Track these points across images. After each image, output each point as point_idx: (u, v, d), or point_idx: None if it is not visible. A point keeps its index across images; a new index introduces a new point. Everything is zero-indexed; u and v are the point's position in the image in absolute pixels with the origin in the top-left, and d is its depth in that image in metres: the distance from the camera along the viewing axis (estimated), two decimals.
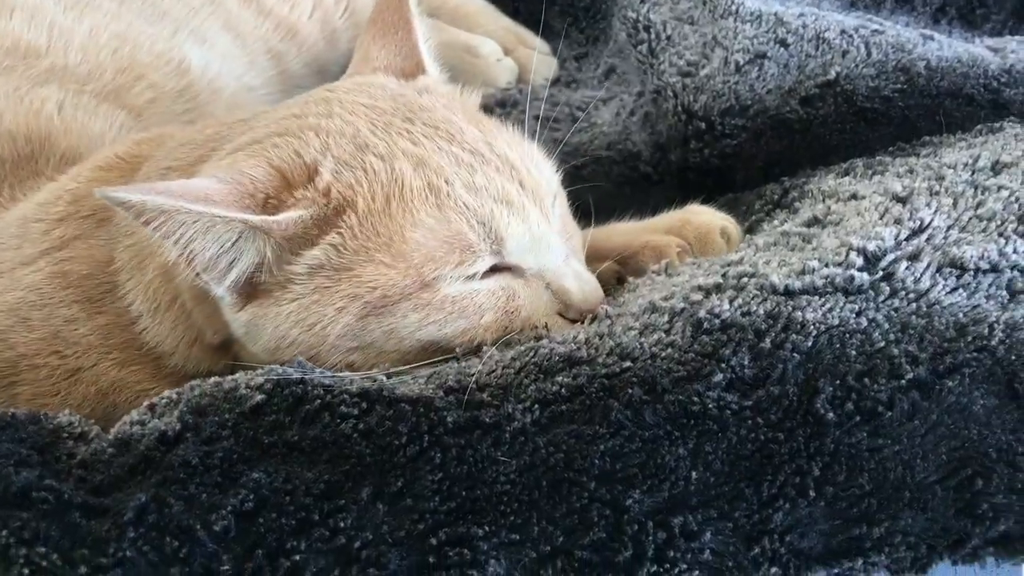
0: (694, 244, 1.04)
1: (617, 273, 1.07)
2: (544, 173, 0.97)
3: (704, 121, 1.37)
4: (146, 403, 0.89)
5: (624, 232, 1.07)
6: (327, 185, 0.87)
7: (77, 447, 0.86)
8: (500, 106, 1.57)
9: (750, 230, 1.06)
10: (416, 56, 1.03)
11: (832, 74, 1.34)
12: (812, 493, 0.73)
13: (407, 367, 0.89)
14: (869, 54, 1.35)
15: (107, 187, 0.83)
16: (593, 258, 1.05)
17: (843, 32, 1.38)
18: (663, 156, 1.43)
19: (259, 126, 0.94)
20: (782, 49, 1.38)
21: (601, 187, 1.47)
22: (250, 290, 0.89)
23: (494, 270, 0.91)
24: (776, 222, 1.03)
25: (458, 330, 0.89)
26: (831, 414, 0.75)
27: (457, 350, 0.89)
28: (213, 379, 0.88)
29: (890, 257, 0.85)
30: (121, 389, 0.96)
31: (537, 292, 0.93)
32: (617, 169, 1.47)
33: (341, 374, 0.87)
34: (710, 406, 0.76)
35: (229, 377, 0.87)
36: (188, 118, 1.34)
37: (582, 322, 0.93)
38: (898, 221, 0.90)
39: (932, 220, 0.89)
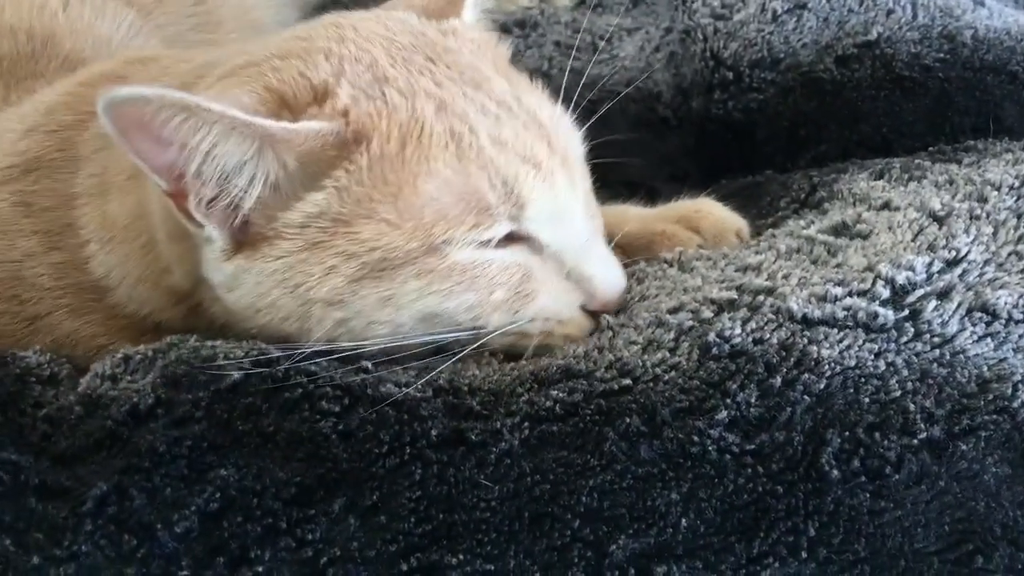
0: (708, 240, 0.98)
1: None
2: (572, 141, 0.87)
3: (732, 71, 1.30)
4: (121, 353, 0.84)
5: (638, 218, 1.00)
6: (345, 107, 0.78)
7: (44, 393, 0.82)
8: (519, 27, 1.47)
9: (773, 225, 1.00)
10: (460, 1, 0.92)
11: (873, 34, 1.27)
12: (804, 554, 0.70)
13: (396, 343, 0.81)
14: (915, 16, 1.28)
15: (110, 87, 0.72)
16: None
17: None
18: (684, 101, 1.36)
19: (256, 50, 0.84)
20: (824, 1, 1.29)
21: (614, 128, 1.40)
22: (242, 238, 0.80)
23: (509, 239, 0.82)
24: (803, 223, 0.96)
25: (463, 305, 0.80)
26: (835, 471, 0.71)
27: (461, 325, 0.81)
28: (192, 342, 0.83)
29: (919, 292, 0.79)
30: (77, 343, 0.90)
31: (556, 277, 0.84)
32: (634, 108, 1.39)
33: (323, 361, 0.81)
34: (710, 447, 0.72)
35: (209, 343, 0.83)
36: (198, 20, 1.26)
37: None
38: (932, 247, 0.84)
39: (968, 252, 0.83)
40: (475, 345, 0.82)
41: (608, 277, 0.86)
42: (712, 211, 1.00)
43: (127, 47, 1.18)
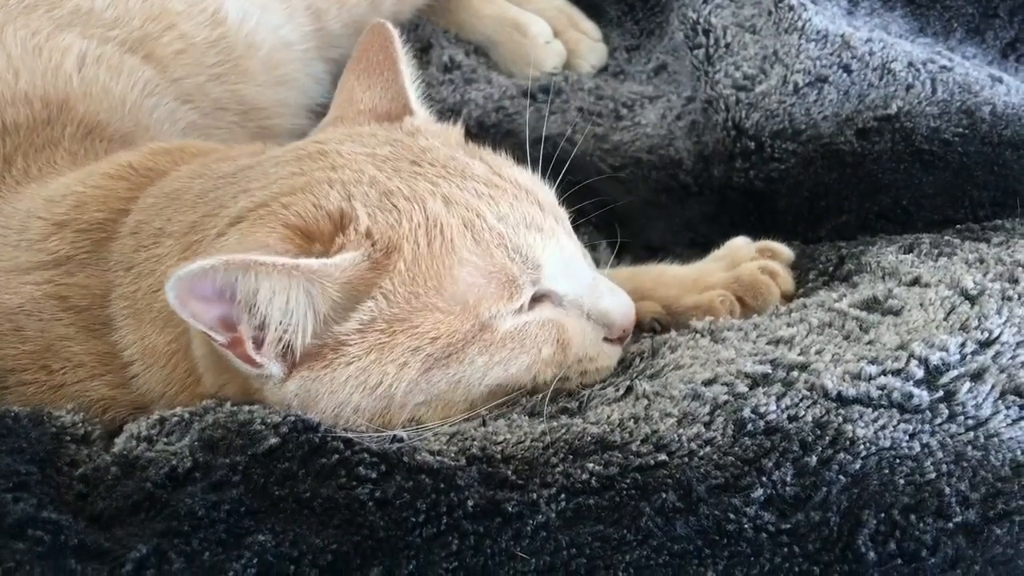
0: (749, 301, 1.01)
1: (657, 316, 1.03)
2: (550, 195, 0.94)
3: (754, 140, 1.32)
4: (156, 415, 0.85)
5: (675, 284, 1.02)
6: (367, 228, 0.82)
7: (79, 452, 0.83)
8: (543, 92, 1.50)
9: (804, 295, 1.01)
10: (403, 99, 0.99)
11: (893, 108, 1.28)
12: None
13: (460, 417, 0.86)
14: (934, 91, 1.29)
15: (180, 269, 0.76)
16: (636, 298, 1.00)
17: (910, 64, 1.31)
18: (705, 168, 1.38)
19: (255, 187, 0.87)
20: (844, 75, 1.32)
21: (636, 193, 1.42)
22: (293, 358, 0.83)
23: (534, 300, 0.88)
24: (834, 295, 0.97)
25: (523, 367, 0.87)
26: (872, 553, 0.71)
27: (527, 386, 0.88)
28: (228, 407, 0.84)
29: (953, 373, 0.80)
30: (109, 408, 0.91)
31: (580, 322, 0.90)
32: (656, 175, 1.41)
33: (362, 432, 0.82)
34: (746, 525, 0.72)
35: (246, 408, 0.83)
36: (219, 70, 1.27)
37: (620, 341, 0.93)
38: (964, 327, 0.85)
39: (1001, 333, 0.83)
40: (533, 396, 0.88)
41: (620, 305, 0.92)
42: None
43: (140, 107, 1.18)
